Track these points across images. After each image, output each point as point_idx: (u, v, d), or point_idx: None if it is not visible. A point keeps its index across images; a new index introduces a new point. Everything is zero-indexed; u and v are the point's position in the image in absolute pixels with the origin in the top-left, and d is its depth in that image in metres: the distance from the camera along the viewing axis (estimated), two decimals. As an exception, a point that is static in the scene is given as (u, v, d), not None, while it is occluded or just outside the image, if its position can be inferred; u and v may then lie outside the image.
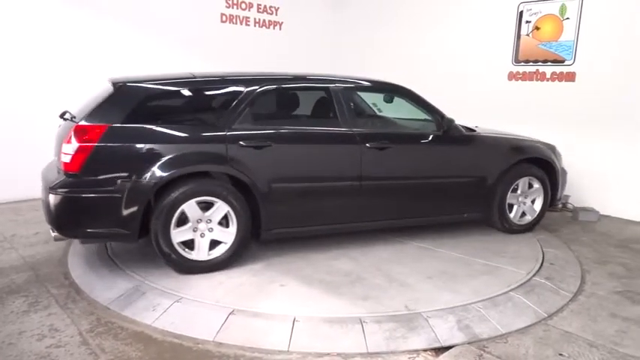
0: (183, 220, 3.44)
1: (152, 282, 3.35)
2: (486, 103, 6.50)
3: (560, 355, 2.71)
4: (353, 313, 2.98)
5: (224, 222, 3.56)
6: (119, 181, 3.24)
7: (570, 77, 5.81)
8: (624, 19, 5.36)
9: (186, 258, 3.45)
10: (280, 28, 7.61)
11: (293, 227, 3.88)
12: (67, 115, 3.64)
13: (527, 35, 6.14)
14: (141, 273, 3.49)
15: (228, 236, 3.55)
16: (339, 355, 2.66)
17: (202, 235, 3.49)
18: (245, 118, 3.61)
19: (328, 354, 2.66)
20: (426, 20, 7.20)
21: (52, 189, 3.23)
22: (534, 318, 3.10)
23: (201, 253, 3.50)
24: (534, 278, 3.62)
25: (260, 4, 7.28)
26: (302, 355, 2.66)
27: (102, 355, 2.60)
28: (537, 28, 6.05)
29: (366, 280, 3.48)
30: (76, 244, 4.14)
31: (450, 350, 2.73)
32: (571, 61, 5.79)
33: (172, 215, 3.35)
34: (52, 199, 3.22)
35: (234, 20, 7.04)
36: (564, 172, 4.92)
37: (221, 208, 3.48)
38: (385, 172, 4.07)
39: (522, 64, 6.21)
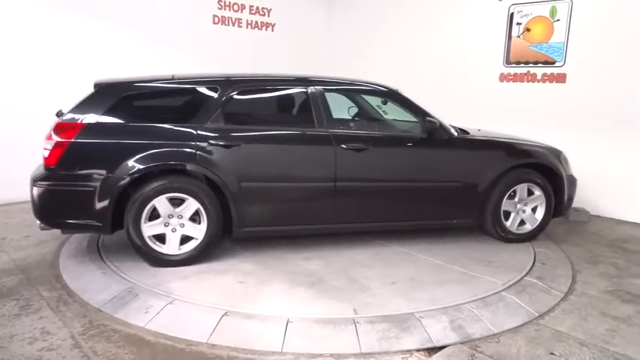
0: (156, 215, 3.57)
1: (145, 284, 3.34)
2: (478, 105, 6.54)
3: (552, 354, 2.73)
4: (293, 313, 2.97)
5: (197, 218, 3.65)
6: (93, 175, 3.46)
7: (561, 78, 5.87)
8: (613, 21, 5.42)
9: (157, 251, 3.60)
10: (273, 30, 7.61)
11: (265, 226, 3.92)
12: (61, 114, 3.69)
13: (518, 37, 6.19)
14: (134, 275, 3.48)
15: (198, 232, 3.65)
16: (332, 355, 2.67)
17: (174, 230, 3.62)
18: (217, 118, 3.70)
19: (321, 355, 2.67)
20: (418, 22, 7.24)
21: (34, 181, 3.50)
22: (526, 317, 3.12)
23: (171, 247, 3.62)
24: (526, 278, 3.64)
25: (252, 6, 7.28)
26: (295, 355, 2.66)
27: (94, 358, 2.58)
28: (528, 30, 6.10)
29: (326, 282, 3.45)
30: (67, 247, 4.12)
31: (443, 350, 2.74)
32: (561, 63, 5.84)
33: (143, 210, 3.50)
34: (34, 190, 3.50)
35: (226, 22, 7.03)
36: (573, 180, 4.61)
37: (191, 204, 3.59)
38: (362, 174, 3.98)
39: (513, 65, 6.26)
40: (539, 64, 6.03)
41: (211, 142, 3.61)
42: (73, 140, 3.43)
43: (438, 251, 4.13)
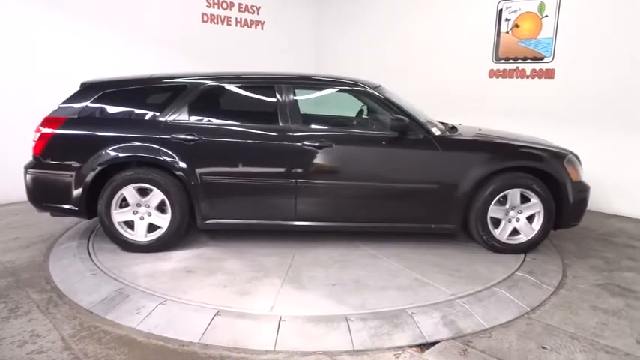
0: (127, 204, 3.89)
1: (136, 284, 3.32)
2: (468, 101, 6.56)
3: (543, 347, 2.75)
4: (222, 307, 3.02)
5: (165, 208, 3.88)
6: (71, 165, 3.84)
7: (550, 74, 5.90)
8: (601, 16, 5.46)
9: (125, 237, 3.90)
10: (262, 28, 7.59)
11: (228, 219, 4.00)
12: None
13: (507, 33, 6.22)
14: (125, 276, 3.46)
15: (164, 222, 3.89)
16: (325, 353, 2.66)
17: (142, 219, 3.90)
18: (182, 114, 3.93)
19: (314, 352, 2.67)
20: (408, 19, 7.25)
21: (25, 169, 3.95)
22: (517, 312, 3.14)
23: (139, 234, 3.91)
24: (517, 273, 3.67)
25: (241, 4, 7.25)
26: (288, 354, 2.66)
27: (85, 360, 2.57)
28: (517, 26, 6.13)
29: (265, 279, 3.44)
30: (57, 248, 4.08)
31: (436, 346, 2.75)
32: (550, 58, 5.88)
33: (113, 198, 3.83)
34: (26, 177, 3.94)
35: (215, 20, 7.00)
36: (582, 187, 4.09)
37: (157, 195, 3.85)
38: (323, 173, 3.93)
39: (502, 61, 6.29)
40: (528, 60, 6.06)
41: (174, 136, 3.83)
42: (55, 132, 3.85)
43: (410, 256, 3.93)
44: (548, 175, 3.97)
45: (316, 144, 3.87)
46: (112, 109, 3.97)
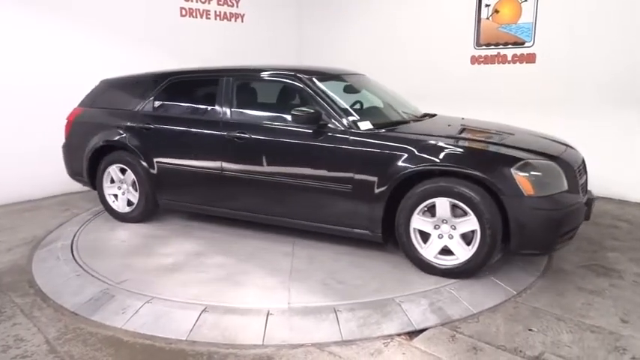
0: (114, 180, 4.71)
1: (121, 284, 3.28)
2: (451, 89, 6.56)
3: (530, 330, 2.77)
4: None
5: (136, 187, 4.54)
6: (81, 146, 4.70)
7: (531, 58, 5.92)
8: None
9: (112, 207, 4.72)
10: (242, 21, 7.50)
11: (175, 201, 4.45)
12: None
13: (487, 19, 6.22)
14: (110, 275, 3.41)
15: (135, 198, 4.57)
16: (313, 345, 2.66)
17: (123, 193, 4.66)
18: (148, 105, 4.49)
19: (303, 345, 2.66)
20: (388, 8, 7.20)
21: (62, 147, 4.96)
22: (504, 296, 3.16)
23: (121, 206, 4.68)
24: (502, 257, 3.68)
25: (220, -4, 7.15)
26: (277, 347, 2.65)
27: (71, 363, 2.53)
28: (497, 12, 6.13)
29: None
30: (40, 250, 4.02)
31: (424, 333, 2.76)
32: (531, 43, 5.89)
33: (103, 174, 4.66)
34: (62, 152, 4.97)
35: (194, 14, 6.89)
36: (547, 205, 3.07)
37: (129, 174, 4.54)
38: (243, 164, 3.94)
39: (484, 47, 6.29)
40: (509, 45, 6.07)
41: (135, 124, 4.42)
42: (73, 120, 4.85)
43: (355, 262, 3.62)
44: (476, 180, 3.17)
45: (237, 134, 3.93)
46: (111, 100, 4.75)
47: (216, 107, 4.12)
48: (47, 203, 5.52)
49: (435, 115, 4.46)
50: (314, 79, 3.87)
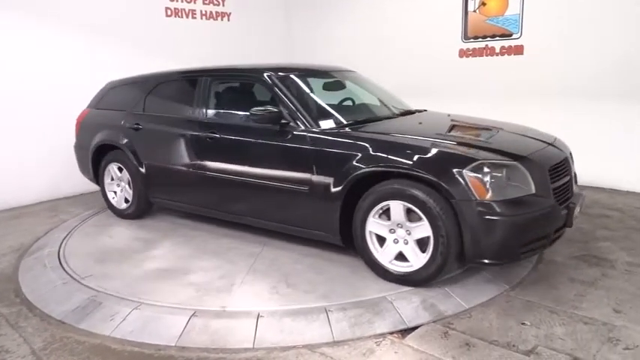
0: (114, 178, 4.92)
1: (109, 291, 3.22)
2: (440, 82, 6.54)
3: (523, 324, 2.75)
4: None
5: (130, 185, 4.71)
6: (86, 145, 4.95)
7: (519, 50, 5.90)
8: (565, -10, 5.47)
9: (112, 202, 4.94)
10: (229, 19, 7.43)
11: (164, 200, 4.56)
12: None
13: (475, 11, 6.19)
14: (98, 282, 3.36)
15: (130, 196, 4.73)
16: (305, 346, 2.62)
17: (122, 191, 4.83)
18: (139, 107, 4.61)
19: (294, 347, 2.62)
20: (376, 4, 7.16)
21: (73, 146, 5.23)
22: (496, 290, 3.14)
23: (119, 202, 4.87)
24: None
25: (205, -4, 7.08)
26: (268, 350, 2.61)
27: (57, 373, 2.48)
28: (484, 4, 6.10)
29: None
30: (27, 259, 3.96)
31: (416, 330, 2.73)
32: (518, 35, 5.87)
33: (104, 172, 4.88)
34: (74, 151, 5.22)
35: (179, 14, 6.82)
36: (500, 212, 2.78)
37: (125, 173, 4.70)
38: (214, 163, 3.97)
39: (472, 40, 6.27)
40: (497, 38, 6.05)
41: (128, 125, 4.57)
42: (81, 120, 5.09)
43: (315, 265, 3.54)
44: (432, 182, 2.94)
45: (209, 134, 3.96)
46: (110, 102, 4.93)
47: (195, 107, 4.17)
48: (35, 210, 5.45)
49: (424, 111, 4.40)
50: (274, 78, 3.76)
